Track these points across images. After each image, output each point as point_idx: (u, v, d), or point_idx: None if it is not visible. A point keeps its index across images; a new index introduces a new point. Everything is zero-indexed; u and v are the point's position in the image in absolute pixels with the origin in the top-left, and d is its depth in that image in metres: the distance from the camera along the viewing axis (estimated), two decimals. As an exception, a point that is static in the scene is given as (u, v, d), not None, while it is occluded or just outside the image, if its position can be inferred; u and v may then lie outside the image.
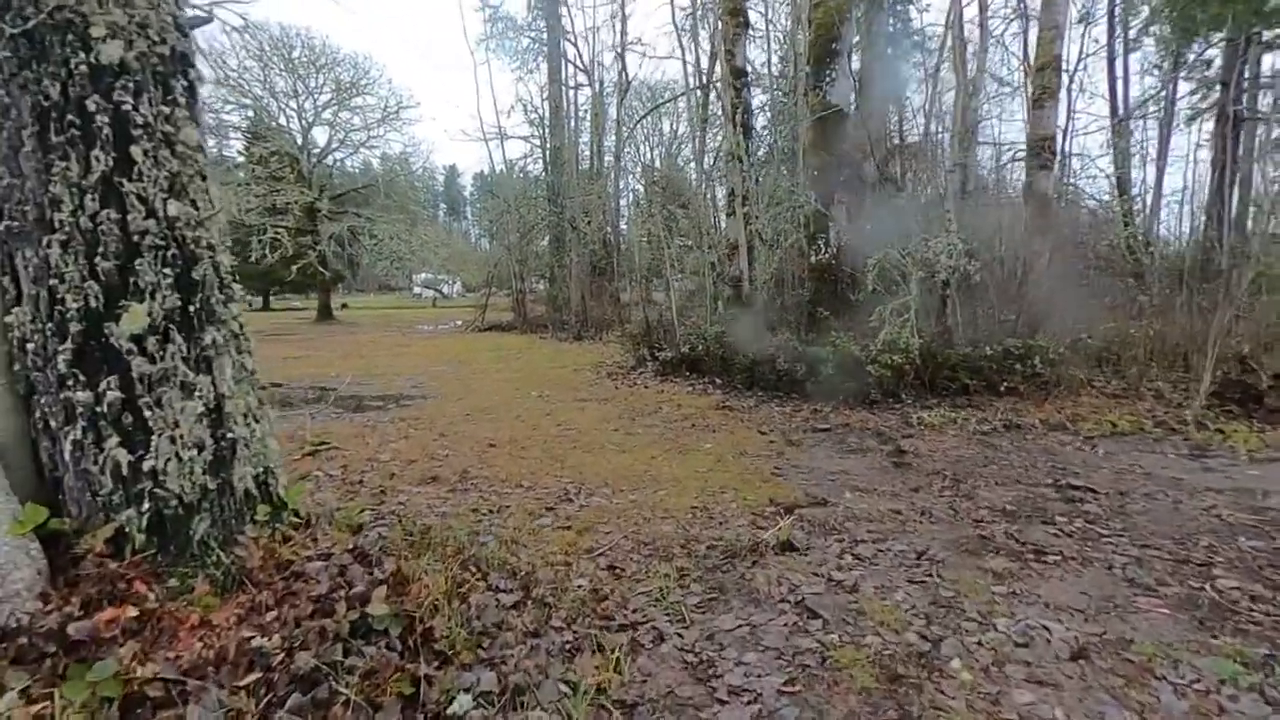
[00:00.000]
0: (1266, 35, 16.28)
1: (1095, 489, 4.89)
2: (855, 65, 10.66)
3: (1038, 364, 8.05)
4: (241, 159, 32.18)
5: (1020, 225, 10.37)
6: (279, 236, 25.09)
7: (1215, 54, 19.59)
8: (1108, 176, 19.25)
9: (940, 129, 15.32)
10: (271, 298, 43.18)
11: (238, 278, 2.94)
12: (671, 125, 39.59)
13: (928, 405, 7.89)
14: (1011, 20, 17.52)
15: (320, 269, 27.03)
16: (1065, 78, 16.54)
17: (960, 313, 8.81)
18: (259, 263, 25.77)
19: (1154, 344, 9.22)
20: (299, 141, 27.91)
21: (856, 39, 10.98)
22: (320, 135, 29.69)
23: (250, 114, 28.45)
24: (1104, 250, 13.63)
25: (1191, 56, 19.85)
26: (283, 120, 28.21)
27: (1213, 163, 15.58)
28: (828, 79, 9.42)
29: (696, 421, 7.47)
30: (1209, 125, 20.49)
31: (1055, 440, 6.53)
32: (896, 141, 18.56)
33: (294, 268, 25.65)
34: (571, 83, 25.24)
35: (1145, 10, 19.96)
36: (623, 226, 30.17)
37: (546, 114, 23.09)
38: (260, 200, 25.43)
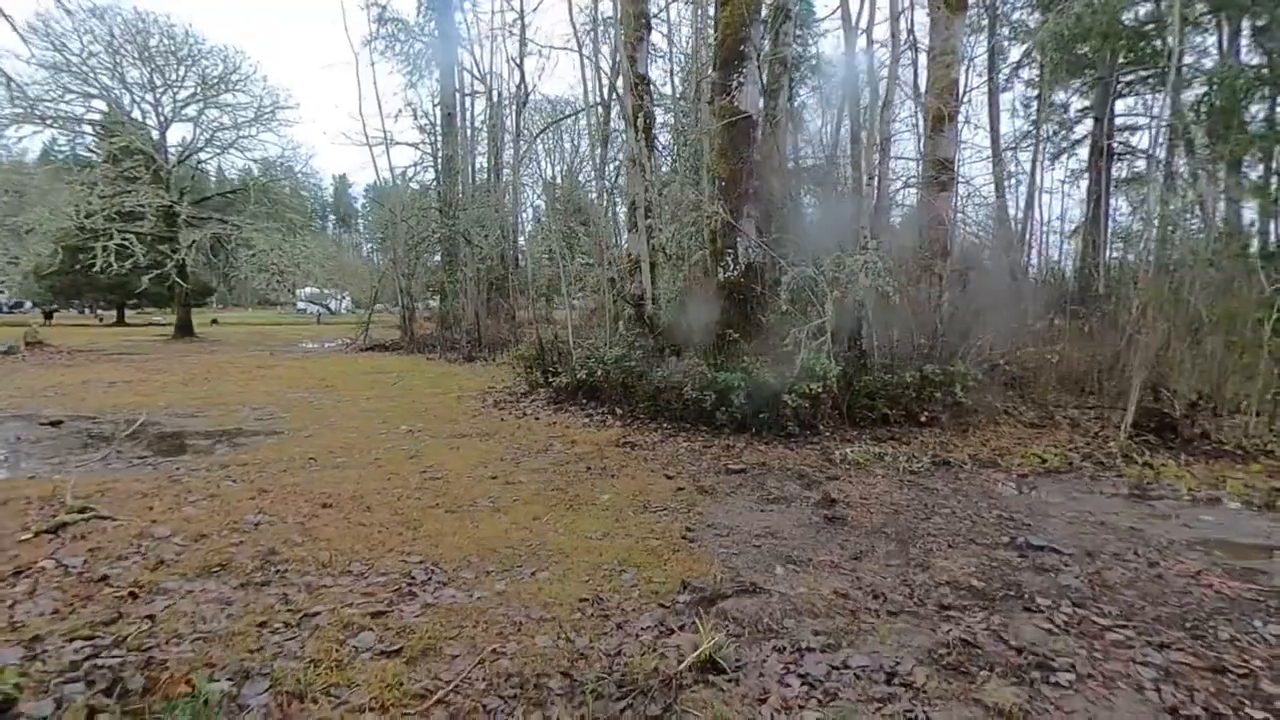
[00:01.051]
0: (1130, 76, 17.17)
1: (1058, 549, 4.06)
2: (764, 75, 9.92)
3: (958, 392, 7.41)
4: (95, 156, 28.35)
5: (916, 248, 9.92)
6: (127, 244, 21.90)
7: (1074, 99, 20.76)
8: (989, 203, 19.80)
9: (840, 152, 15.03)
10: (128, 311, 38.46)
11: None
12: (573, 142, 38.63)
13: (848, 439, 7.05)
14: (904, 50, 17.65)
15: (179, 280, 23.87)
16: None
17: (876, 336, 8.10)
18: (104, 272, 22.41)
19: (1061, 371, 8.88)
20: (155, 139, 24.70)
21: (766, 47, 10.27)
22: (181, 133, 26.48)
23: (101, 106, 24.97)
24: (988, 275, 13.67)
25: (1060, 97, 20.90)
26: (136, 114, 24.94)
27: (1088, 192, 16.14)
28: (735, 83, 8.59)
29: (593, 463, 6.25)
30: (1074, 161, 21.66)
31: (989, 480, 5.79)
32: (794, 163, 18.31)
33: (145, 279, 22.43)
34: (467, 89, 23.69)
35: (1017, 54, 20.84)
36: (521, 242, 28.78)
37: (439, 120, 21.40)
38: (105, 202, 22.15)
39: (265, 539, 4.03)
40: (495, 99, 26.14)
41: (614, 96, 14.71)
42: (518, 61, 25.21)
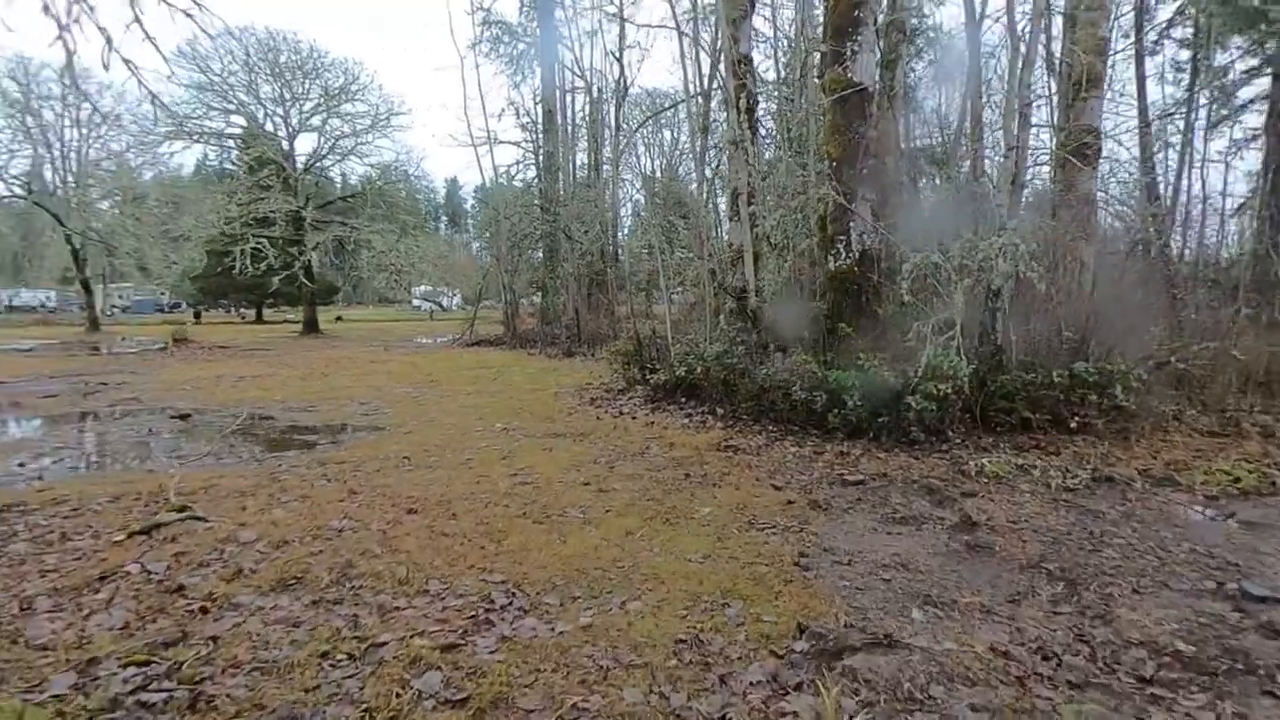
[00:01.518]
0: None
1: (1287, 601, 3.16)
2: (880, 44, 9.01)
3: (1119, 394, 6.32)
4: (236, 168, 30.83)
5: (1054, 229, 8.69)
6: (260, 247, 23.49)
7: (1237, 61, 18.00)
8: (1134, 179, 17.60)
9: (967, 125, 13.68)
10: (266, 310, 41.69)
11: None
12: (673, 134, 38.14)
13: (983, 447, 6.15)
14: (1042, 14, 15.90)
15: (305, 280, 25.42)
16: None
17: (1013, 330, 7.09)
18: (241, 274, 24.20)
19: (1249, 368, 7.49)
20: (285, 149, 26.39)
21: (882, 11, 9.34)
22: (307, 142, 28.20)
23: (240, 121, 27.00)
24: (1139, 259, 11.97)
25: (1220, 58, 18.24)
26: (269, 127, 26.74)
27: (1264, 164, 13.87)
28: (849, 51, 7.78)
29: (692, 469, 5.74)
30: (1238, 130, 18.85)
31: (1169, 502, 4.79)
32: (911, 144, 16.97)
33: (276, 280, 24.01)
34: (568, 86, 23.71)
35: (1167, 12, 18.36)
36: (620, 237, 28.62)
37: (540, 118, 21.52)
38: (242, 209, 23.87)
39: (346, 548, 3.80)
40: (595, 94, 26.10)
41: (714, 84, 14.09)
42: (617, 55, 25.06)
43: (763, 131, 16.02)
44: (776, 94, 17.57)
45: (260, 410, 9.23)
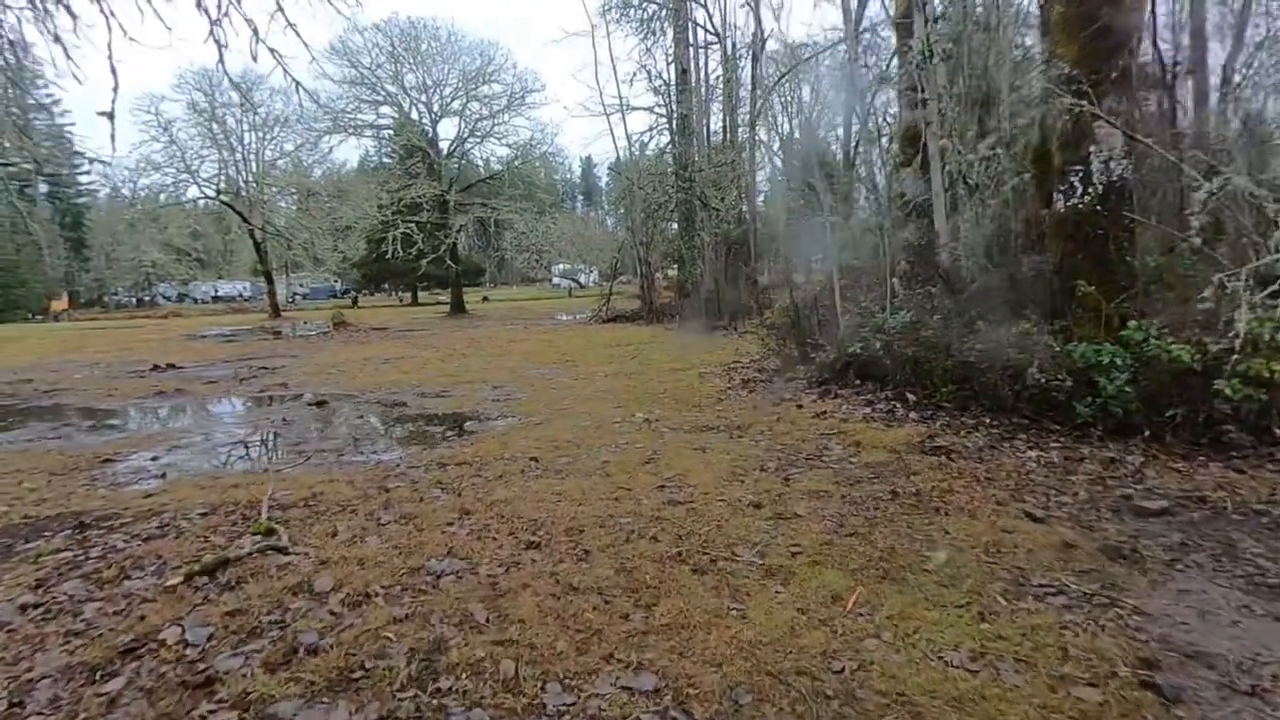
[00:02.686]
0: None
1: None
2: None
3: None
4: (389, 159, 32.10)
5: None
6: (409, 232, 24.05)
7: None
8: None
9: None
10: (421, 293, 43.83)
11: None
12: (812, 90, 35.16)
13: (1347, 456, 4.11)
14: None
15: (451, 262, 25.86)
16: None
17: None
18: (394, 258, 24.99)
19: None
20: (429, 134, 26.84)
21: None
22: (449, 128, 28.53)
23: (391, 112, 27.83)
24: None
25: None
26: (414, 115, 27.31)
27: None
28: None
29: (896, 482, 4.21)
30: None
31: None
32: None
33: (424, 262, 24.55)
34: (701, 43, 21.98)
35: None
36: (759, 203, 26.59)
37: (673, 78, 20.06)
38: (392, 196, 24.54)
39: (441, 610, 2.71)
40: (730, 51, 24.16)
41: (862, 26, 11.96)
42: (753, 5, 22.93)
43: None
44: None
45: (394, 395, 8.71)
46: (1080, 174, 6.03)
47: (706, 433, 5.76)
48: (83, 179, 50.77)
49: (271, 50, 8.59)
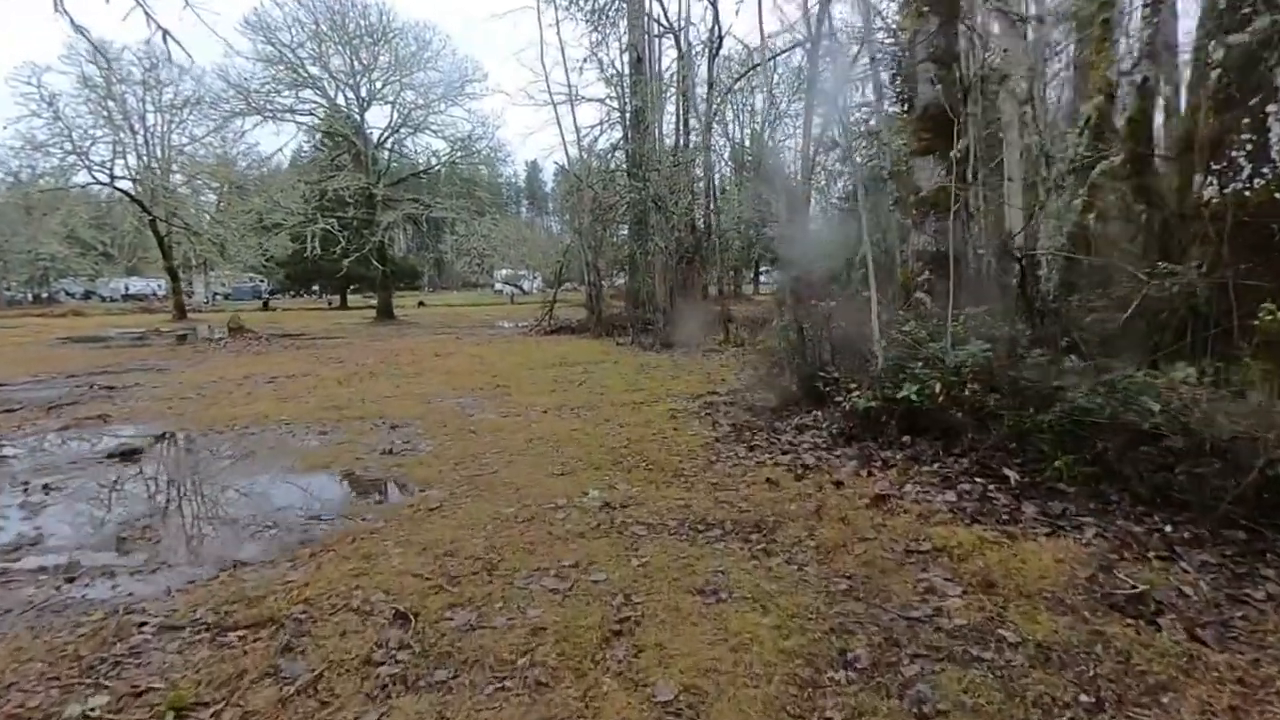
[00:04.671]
0: None
1: None
2: None
3: None
4: (318, 150, 28.52)
5: None
6: (330, 228, 20.88)
7: None
8: None
9: None
10: (354, 296, 40.01)
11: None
12: (765, 97, 33.48)
13: None
14: None
15: (378, 263, 22.73)
16: None
17: None
18: (313, 258, 21.75)
19: None
20: (356, 122, 23.66)
21: None
22: (379, 116, 25.37)
23: (314, 96, 24.44)
24: None
25: None
26: (340, 101, 24.07)
27: None
28: None
29: (1105, 688, 1.94)
30: None
31: None
32: None
33: (346, 262, 21.39)
34: (656, 31, 19.76)
35: None
36: (712, 208, 24.51)
37: (626, 67, 17.74)
38: (311, 189, 21.32)
39: None
40: (685, 48, 22.04)
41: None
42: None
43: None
44: None
45: (248, 440, 6.01)
46: (1250, 145, 3.96)
47: (710, 543, 3.37)
48: (-29, 164, 44.58)
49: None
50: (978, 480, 3.99)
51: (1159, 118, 5.31)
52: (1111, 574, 2.83)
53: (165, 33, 7.60)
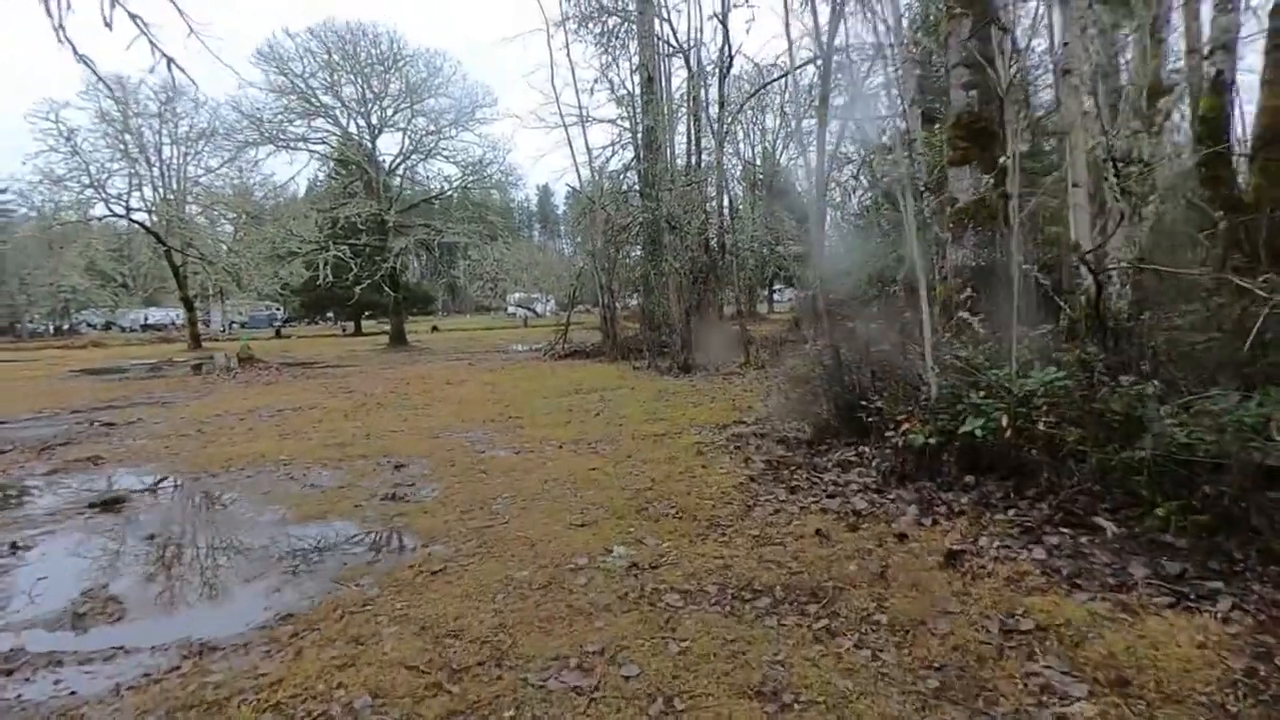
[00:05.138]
0: None
1: None
2: None
3: None
4: (333, 180, 28.47)
5: None
6: (341, 256, 20.67)
7: None
8: None
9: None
10: (368, 322, 39.93)
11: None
12: (774, 118, 33.22)
13: None
14: None
15: (389, 289, 22.46)
16: None
17: None
18: (325, 286, 21.53)
19: None
20: (367, 149, 23.57)
21: None
22: (390, 143, 25.37)
23: (326, 125, 24.43)
24: None
25: None
26: (352, 129, 24.03)
27: None
28: None
29: None
30: None
31: None
32: None
33: (358, 289, 21.13)
34: (665, 51, 19.52)
35: None
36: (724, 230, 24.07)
37: (637, 87, 17.46)
38: (324, 216, 21.16)
39: None
40: (695, 67, 21.80)
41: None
42: (721, 18, 20.69)
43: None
44: None
45: (244, 484, 5.55)
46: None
47: (760, 618, 2.81)
48: (-3, 198, 45.29)
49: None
50: (1064, 531, 3.41)
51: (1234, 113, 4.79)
52: (1274, 664, 2.24)
53: (170, 60, 7.29)
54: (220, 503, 5.11)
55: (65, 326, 47.87)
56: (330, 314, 45.69)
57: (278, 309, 47.37)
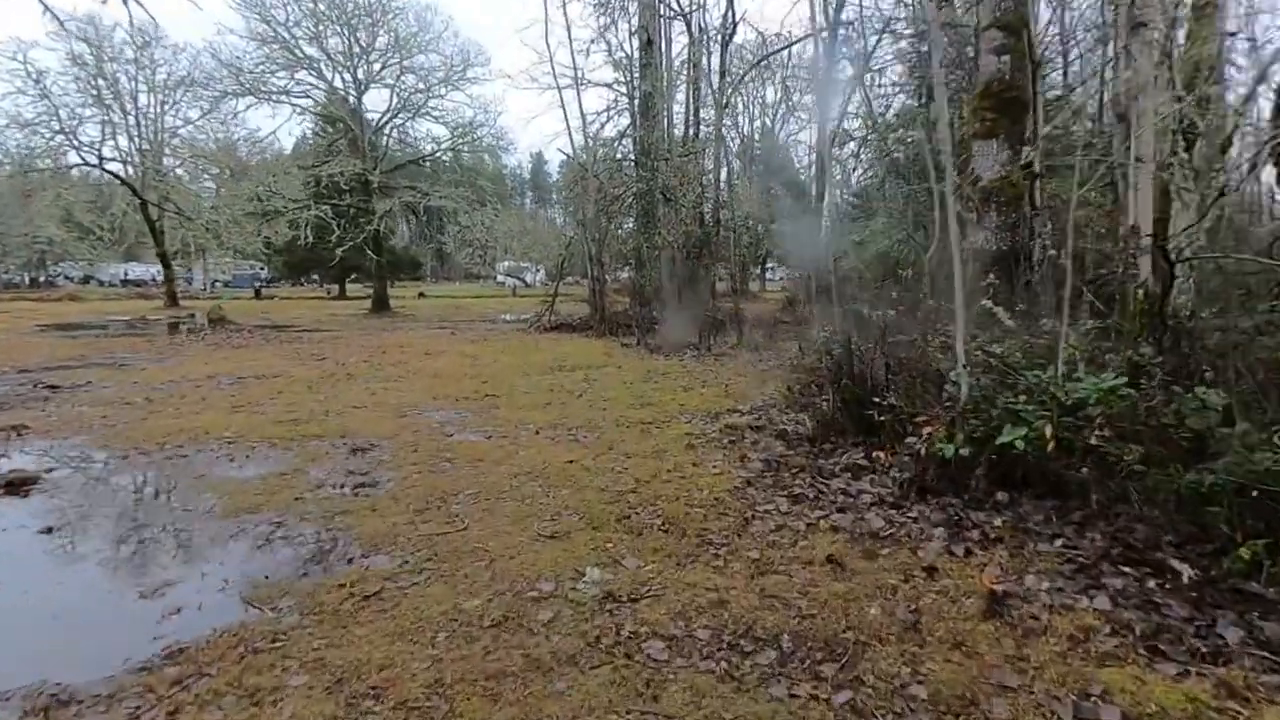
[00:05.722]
0: None
1: None
2: None
3: None
4: (319, 135, 27.13)
5: None
6: (323, 216, 19.68)
7: None
8: None
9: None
10: (354, 286, 38.82)
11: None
12: (776, 92, 32.17)
13: None
14: None
15: (372, 253, 21.51)
16: None
17: None
18: (305, 246, 20.57)
19: None
20: (352, 105, 22.39)
21: None
22: (377, 99, 24.14)
23: (309, 78, 23.13)
24: None
25: None
26: (338, 84, 22.80)
27: None
28: None
29: None
30: None
31: None
32: None
33: (339, 251, 20.18)
34: (666, 14, 18.51)
35: None
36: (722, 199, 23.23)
37: (635, 51, 16.50)
38: (306, 174, 20.11)
39: None
40: (697, 33, 20.76)
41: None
42: (727, -19, 19.65)
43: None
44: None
45: (178, 463, 4.89)
46: None
47: (764, 683, 2.20)
48: (-30, 143, 43.23)
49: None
50: (1126, 571, 2.83)
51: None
52: None
53: None
54: (142, 489, 4.44)
55: (41, 279, 46.25)
56: (315, 276, 44.48)
57: (262, 269, 46.09)
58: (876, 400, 4.68)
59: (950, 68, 12.03)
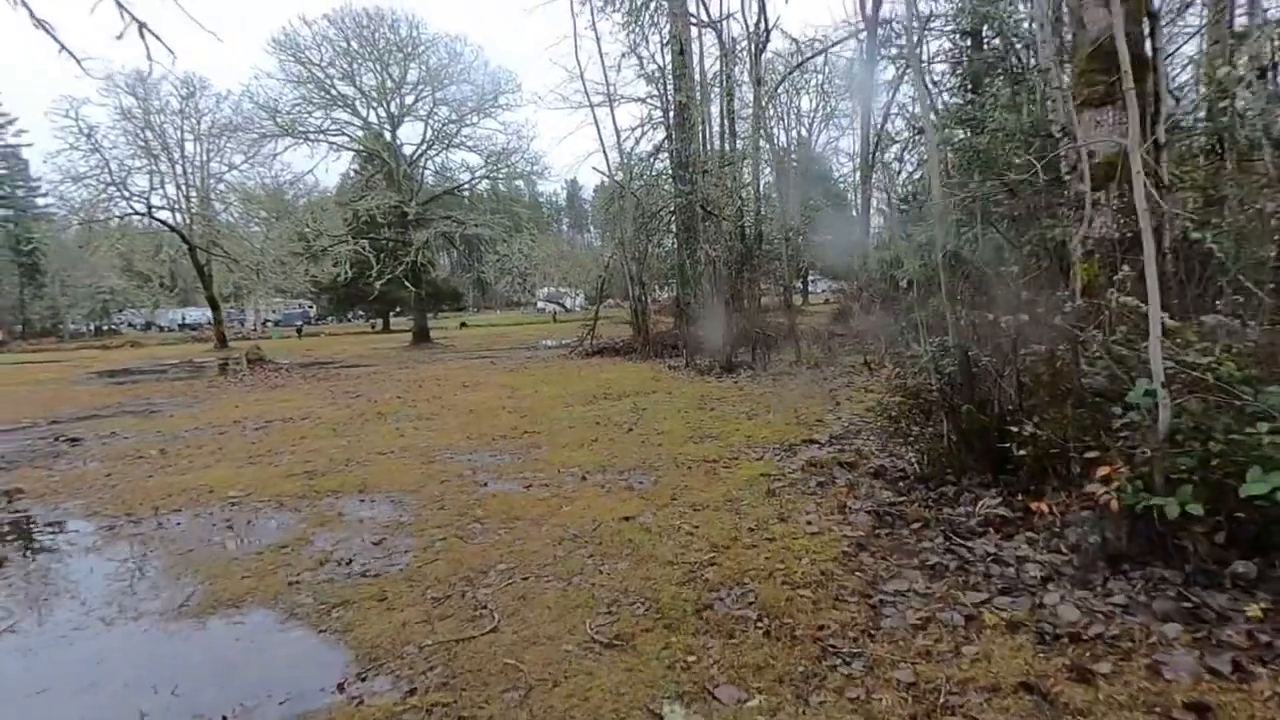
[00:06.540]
0: None
1: None
2: None
3: None
4: (358, 173, 27.30)
5: None
6: (360, 250, 19.45)
7: None
8: None
9: None
10: (398, 318, 39.08)
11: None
12: (812, 101, 31.18)
13: None
14: None
15: (411, 285, 21.19)
16: None
17: None
18: (346, 283, 20.38)
19: None
20: (388, 139, 22.30)
21: None
22: (411, 133, 24.06)
23: (344, 116, 23.20)
24: None
25: None
26: (373, 119, 22.79)
27: None
28: None
29: None
30: None
31: None
32: None
33: (378, 285, 19.91)
34: (698, 23, 17.81)
35: None
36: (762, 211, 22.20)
37: (668, 62, 15.79)
38: (342, 209, 19.98)
39: None
40: (729, 43, 20.03)
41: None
42: (758, -14, 18.88)
43: None
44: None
45: (151, 548, 4.15)
46: None
47: None
48: (40, 201, 45.43)
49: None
50: None
51: None
52: None
53: (141, 26, 6.01)
54: (116, 573, 3.68)
55: (105, 327, 48.06)
56: (360, 311, 45.04)
57: (310, 307, 47.00)
58: (1011, 428, 3.63)
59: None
